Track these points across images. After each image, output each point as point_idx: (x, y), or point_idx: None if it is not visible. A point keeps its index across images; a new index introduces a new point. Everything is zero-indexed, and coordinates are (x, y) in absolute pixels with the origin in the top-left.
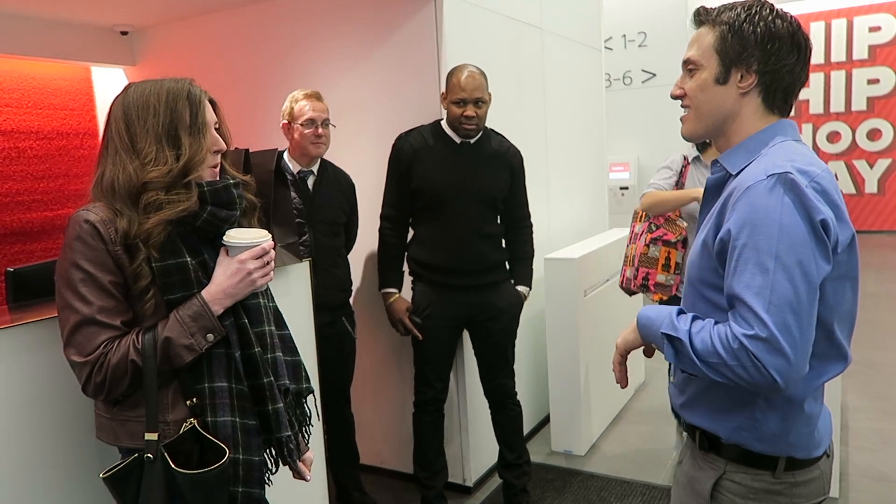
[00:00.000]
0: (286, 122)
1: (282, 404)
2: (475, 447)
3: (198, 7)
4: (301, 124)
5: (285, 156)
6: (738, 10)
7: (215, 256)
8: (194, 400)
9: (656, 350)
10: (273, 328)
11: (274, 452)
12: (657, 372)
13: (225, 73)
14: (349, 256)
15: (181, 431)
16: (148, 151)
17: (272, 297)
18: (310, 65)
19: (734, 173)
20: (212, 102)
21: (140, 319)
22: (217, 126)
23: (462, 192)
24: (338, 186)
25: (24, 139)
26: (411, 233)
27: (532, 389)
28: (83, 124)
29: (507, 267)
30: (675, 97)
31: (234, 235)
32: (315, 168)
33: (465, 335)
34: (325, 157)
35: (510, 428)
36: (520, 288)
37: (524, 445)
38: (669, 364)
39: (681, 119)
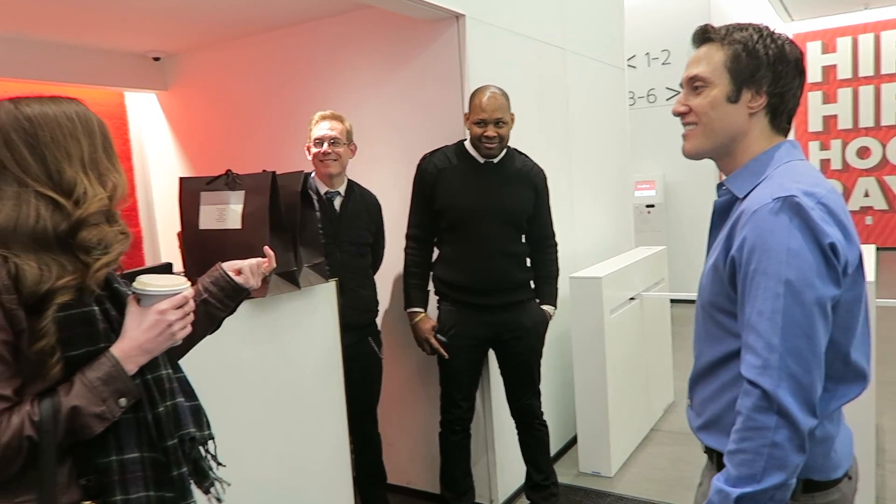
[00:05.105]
0: (308, 144)
1: (185, 469)
2: (502, 467)
3: (227, 33)
4: (312, 143)
5: (314, 177)
6: (751, 30)
7: (113, 302)
8: (90, 479)
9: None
10: (170, 371)
11: None
12: (686, 393)
13: (254, 97)
14: (376, 276)
15: None
16: (78, 182)
17: None
18: (336, 87)
19: (741, 197)
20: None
21: (31, 385)
22: None
23: (486, 211)
24: (364, 207)
25: None
26: (436, 252)
27: (559, 409)
28: (117, 148)
29: (532, 286)
30: (677, 114)
31: (148, 283)
32: (342, 189)
33: (491, 354)
34: (351, 177)
35: (537, 448)
36: (545, 307)
37: (551, 466)
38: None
39: (683, 136)
